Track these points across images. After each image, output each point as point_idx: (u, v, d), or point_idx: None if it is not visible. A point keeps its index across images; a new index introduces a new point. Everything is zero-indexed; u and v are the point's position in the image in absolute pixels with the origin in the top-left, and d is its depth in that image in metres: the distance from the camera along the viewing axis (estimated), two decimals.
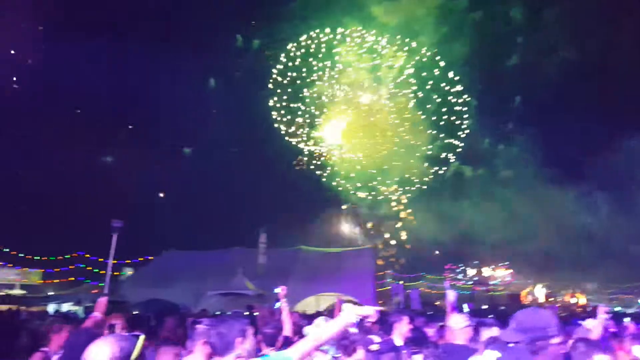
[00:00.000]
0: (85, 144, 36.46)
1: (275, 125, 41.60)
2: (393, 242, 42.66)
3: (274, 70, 41.59)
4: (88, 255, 31.43)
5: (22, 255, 35.61)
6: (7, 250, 34.89)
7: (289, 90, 41.72)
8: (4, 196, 34.03)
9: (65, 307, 22.33)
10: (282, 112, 41.61)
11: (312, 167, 42.62)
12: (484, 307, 30.19)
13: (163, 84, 38.51)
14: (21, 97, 34.77)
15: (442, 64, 40.50)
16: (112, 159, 41.51)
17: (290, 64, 41.57)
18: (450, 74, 40.86)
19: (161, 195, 41.23)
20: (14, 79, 32.58)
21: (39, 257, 35.73)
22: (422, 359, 4.21)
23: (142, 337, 2.12)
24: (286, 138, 41.83)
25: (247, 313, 12.42)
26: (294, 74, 41.67)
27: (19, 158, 35.31)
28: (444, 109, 41.61)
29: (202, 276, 22.20)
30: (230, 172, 38.70)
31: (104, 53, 36.83)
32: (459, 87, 41.12)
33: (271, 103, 41.53)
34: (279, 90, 41.57)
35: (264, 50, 43.17)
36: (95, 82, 35.89)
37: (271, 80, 41.47)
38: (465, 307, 10.29)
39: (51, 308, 21.58)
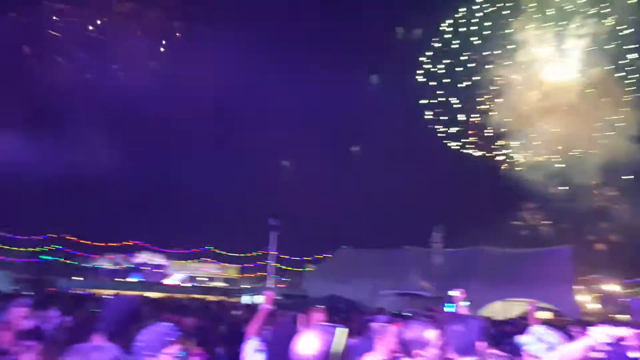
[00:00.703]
0: (266, 148, 40.90)
1: (431, 126, 39.24)
2: (599, 243, 36.72)
3: (424, 59, 38.54)
4: (275, 253, 35.25)
5: (223, 252, 42.20)
6: (211, 247, 41.81)
7: (445, 80, 38.73)
8: (206, 202, 40.51)
9: (258, 299, 25.37)
10: (438, 110, 38.76)
11: (486, 158, 39.35)
12: None
13: (328, 84, 40.26)
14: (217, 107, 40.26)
15: None
16: (288, 162, 45.35)
17: (445, 48, 38.26)
18: None
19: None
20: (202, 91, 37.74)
21: (236, 254, 41.80)
22: None
23: (345, 330, 2.20)
24: (446, 142, 38.93)
25: (428, 316, 12.13)
26: (450, 61, 38.28)
27: (217, 166, 41.53)
28: None
29: (377, 274, 22.64)
30: (401, 169, 38.58)
31: (269, 56, 40.02)
32: None
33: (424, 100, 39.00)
34: (432, 83, 38.96)
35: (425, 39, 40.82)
36: (262, 87, 39.47)
37: (421, 73, 38.88)
38: None
39: (246, 299, 24.76)
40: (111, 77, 35.95)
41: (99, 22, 35.53)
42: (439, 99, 39.47)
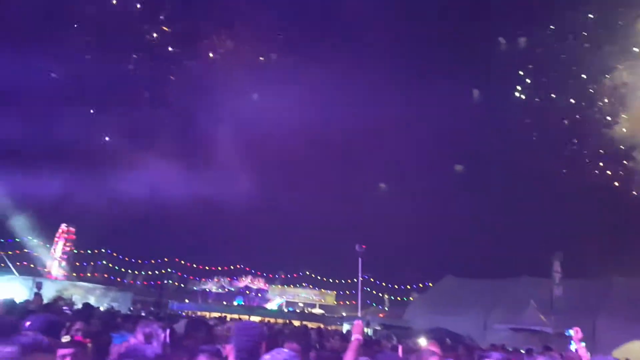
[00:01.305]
0: (368, 171, 41.00)
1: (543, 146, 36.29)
2: None
3: (523, 72, 36.01)
4: (372, 280, 34.95)
5: (320, 277, 42.90)
6: (308, 272, 42.76)
7: (552, 96, 35.73)
8: (307, 227, 41.55)
9: None
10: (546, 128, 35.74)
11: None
12: None
13: (431, 98, 39.38)
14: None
15: None
16: (389, 185, 44.87)
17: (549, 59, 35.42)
18: None
19: None
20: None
21: (333, 280, 42.21)
22: None
23: None
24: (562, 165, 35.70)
25: (547, 353, 11.04)
26: (553, 73, 35.26)
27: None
28: None
29: (487, 306, 21.25)
30: (511, 188, 36.23)
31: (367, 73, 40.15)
32: None
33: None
34: (537, 99, 36.22)
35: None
36: (357, 109, 39.62)
37: (519, 91, 36.32)
38: None
39: (345, 328, 24.64)
40: (223, 110, 39.08)
41: (212, 56, 39.10)
42: (547, 117, 36.66)
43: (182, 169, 38.40)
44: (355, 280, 38.27)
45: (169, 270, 44.23)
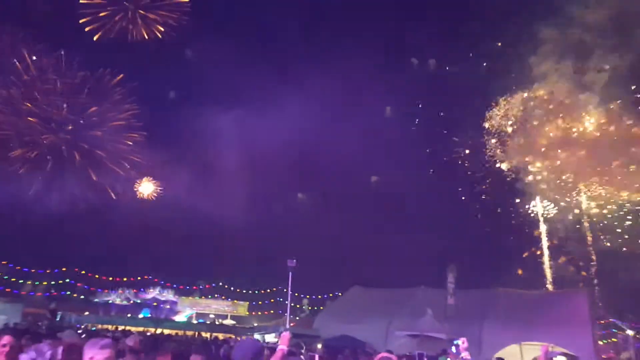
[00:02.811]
0: (279, 185, 41.49)
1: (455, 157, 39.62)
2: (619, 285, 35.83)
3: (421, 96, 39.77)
4: (286, 290, 35.39)
5: (232, 288, 42.45)
6: (221, 284, 42.09)
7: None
8: (218, 238, 40.97)
9: (268, 338, 25.38)
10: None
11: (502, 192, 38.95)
12: None
13: (343, 113, 40.66)
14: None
15: None
16: (301, 198, 45.79)
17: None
18: None
19: None
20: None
21: (246, 291, 41.98)
22: None
23: None
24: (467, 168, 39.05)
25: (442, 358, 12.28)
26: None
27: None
28: None
29: (389, 315, 22.58)
30: (416, 209, 38.68)
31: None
32: None
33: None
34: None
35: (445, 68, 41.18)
36: (281, 120, 40.31)
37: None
38: None
39: (256, 338, 24.78)
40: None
41: None
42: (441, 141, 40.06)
43: (89, 172, 36.17)
44: (269, 291, 38.53)
45: (67, 281, 41.19)
